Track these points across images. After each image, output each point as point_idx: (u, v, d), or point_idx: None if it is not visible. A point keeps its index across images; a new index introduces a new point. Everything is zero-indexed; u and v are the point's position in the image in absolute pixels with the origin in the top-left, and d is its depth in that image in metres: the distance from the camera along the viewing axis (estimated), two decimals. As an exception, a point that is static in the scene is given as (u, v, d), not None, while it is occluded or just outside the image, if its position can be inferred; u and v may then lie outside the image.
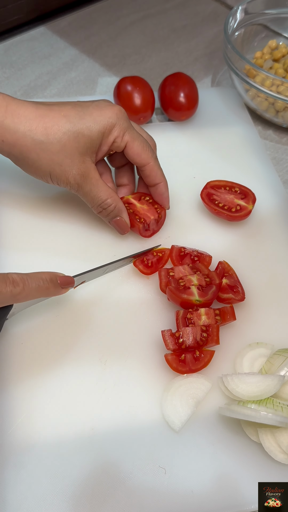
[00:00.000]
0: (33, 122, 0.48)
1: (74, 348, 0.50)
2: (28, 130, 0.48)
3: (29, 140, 0.48)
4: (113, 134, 0.51)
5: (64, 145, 0.49)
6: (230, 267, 0.56)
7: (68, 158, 0.50)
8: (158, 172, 0.55)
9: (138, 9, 0.95)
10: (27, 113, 0.49)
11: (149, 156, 0.54)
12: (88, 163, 0.51)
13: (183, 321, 0.50)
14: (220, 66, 0.85)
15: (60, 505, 0.41)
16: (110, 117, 0.51)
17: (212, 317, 0.50)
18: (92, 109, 0.51)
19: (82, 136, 0.50)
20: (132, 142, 0.52)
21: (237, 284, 0.54)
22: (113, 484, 0.43)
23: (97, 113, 0.50)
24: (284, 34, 0.84)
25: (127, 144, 0.52)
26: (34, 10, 0.89)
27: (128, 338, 0.51)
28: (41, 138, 0.48)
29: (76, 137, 0.49)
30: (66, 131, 0.49)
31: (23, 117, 0.48)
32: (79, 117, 0.50)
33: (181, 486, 0.43)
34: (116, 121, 0.51)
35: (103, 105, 0.52)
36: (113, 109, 0.51)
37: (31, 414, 0.46)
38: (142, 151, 0.53)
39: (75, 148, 0.50)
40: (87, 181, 0.52)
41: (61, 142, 0.49)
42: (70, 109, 0.50)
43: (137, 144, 0.53)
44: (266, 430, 0.44)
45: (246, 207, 0.60)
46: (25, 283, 0.43)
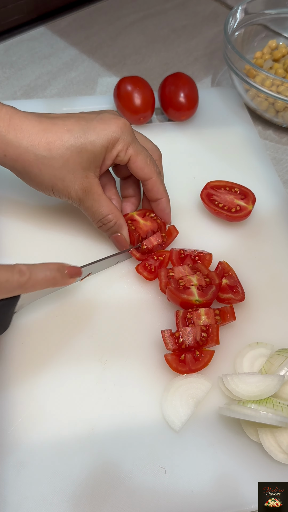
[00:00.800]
0: (36, 136, 0.48)
1: (74, 348, 0.50)
2: (30, 145, 0.48)
3: (31, 155, 0.48)
4: (117, 148, 0.51)
5: (67, 160, 0.49)
6: (230, 267, 0.56)
7: (71, 173, 0.49)
8: (160, 187, 0.55)
9: (138, 9, 0.95)
10: (30, 127, 0.48)
11: (152, 171, 0.53)
12: (91, 178, 0.51)
13: (183, 321, 0.50)
14: (220, 66, 0.85)
15: (60, 505, 0.41)
16: (114, 131, 0.50)
17: (212, 317, 0.50)
18: (96, 123, 0.50)
19: (86, 151, 0.49)
20: (136, 157, 0.52)
21: (237, 284, 0.54)
22: (113, 484, 0.43)
23: (101, 127, 0.50)
24: (284, 34, 0.84)
25: (130, 158, 0.52)
26: (34, 10, 0.89)
27: (128, 338, 0.51)
28: (43, 154, 0.48)
29: (79, 152, 0.49)
30: (69, 146, 0.49)
31: (26, 132, 0.48)
32: (82, 132, 0.49)
33: (181, 486, 0.43)
34: (120, 135, 0.50)
35: (107, 118, 0.51)
36: (117, 122, 0.50)
37: (31, 414, 0.46)
38: (145, 165, 0.53)
39: (78, 164, 0.49)
40: (89, 196, 0.51)
41: (64, 158, 0.49)
42: (74, 123, 0.49)
43: (140, 158, 0.52)
44: (266, 430, 0.44)
45: (246, 208, 0.60)
46: (32, 273, 0.42)
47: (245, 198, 0.60)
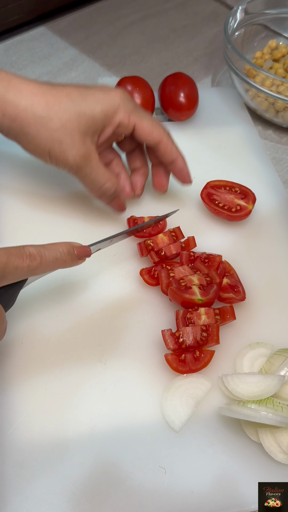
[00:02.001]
0: (35, 97, 0.48)
1: (74, 348, 0.50)
2: (29, 105, 0.48)
3: (30, 115, 0.48)
4: (119, 116, 0.51)
5: (65, 122, 0.49)
6: (231, 266, 0.56)
7: (68, 137, 0.49)
8: (173, 147, 0.54)
9: (138, 9, 0.95)
10: (30, 88, 0.48)
11: (161, 133, 0.53)
12: (88, 144, 0.50)
13: (183, 320, 0.50)
14: (220, 66, 0.85)
15: (60, 505, 0.41)
16: (114, 98, 0.50)
17: (212, 317, 0.50)
18: (95, 91, 0.51)
19: (84, 116, 0.49)
20: (141, 122, 0.51)
21: (238, 283, 0.54)
22: (113, 484, 0.43)
23: (100, 94, 0.50)
24: (284, 34, 0.84)
25: (135, 125, 0.51)
26: (34, 10, 0.89)
27: (128, 338, 0.51)
28: (42, 114, 0.48)
29: (77, 116, 0.49)
30: (67, 109, 0.49)
31: (25, 92, 0.48)
32: (81, 97, 0.49)
33: (181, 486, 0.43)
34: (120, 102, 0.50)
35: (106, 88, 0.52)
36: (116, 91, 0.51)
37: (31, 414, 0.46)
38: (152, 128, 0.52)
39: (76, 127, 0.49)
40: (87, 163, 0.51)
41: (62, 120, 0.48)
42: (73, 89, 0.50)
43: (146, 122, 0.52)
44: (266, 430, 0.44)
45: (246, 207, 0.60)
46: (42, 257, 0.41)
47: (245, 198, 0.60)
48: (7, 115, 0.48)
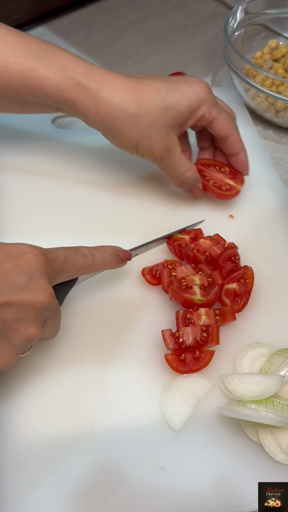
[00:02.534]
0: (126, 94, 0.50)
1: (74, 348, 0.50)
2: (122, 103, 0.50)
3: (122, 112, 0.50)
4: (202, 110, 0.53)
5: (153, 118, 0.51)
6: (252, 275, 0.54)
7: (156, 131, 0.51)
8: (239, 142, 0.57)
9: (138, 9, 0.95)
10: (121, 85, 0.50)
11: (232, 128, 0.56)
12: (172, 136, 0.53)
13: (183, 321, 0.50)
14: (220, 66, 0.85)
15: (60, 505, 0.41)
16: (199, 93, 0.52)
17: (212, 317, 0.50)
18: (182, 84, 0.52)
19: (171, 110, 0.51)
20: (218, 117, 0.54)
21: (245, 294, 0.53)
22: (113, 484, 0.43)
23: (186, 88, 0.52)
24: (284, 34, 0.84)
25: (213, 118, 0.54)
26: (34, 10, 0.89)
27: (128, 338, 0.51)
28: (133, 111, 0.50)
29: (165, 111, 0.51)
30: (157, 105, 0.51)
31: (117, 89, 0.50)
32: (169, 91, 0.51)
33: (181, 486, 0.43)
34: (204, 96, 0.52)
35: (191, 80, 0.53)
36: (201, 85, 0.53)
37: (31, 414, 0.46)
38: (227, 124, 0.55)
39: (163, 122, 0.51)
40: (169, 154, 0.53)
41: (151, 115, 0.51)
42: (160, 84, 0.52)
43: (222, 118, 0.54)
44: (266, 430, 0.44)
45: (235, 187, 0.60)
46: (93, 257, 0.45)
47: (234, 178, 0.61)
48: (100, 113, 0.50)
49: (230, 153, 0.59)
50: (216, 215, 0.62)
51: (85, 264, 0.44)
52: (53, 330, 0.44)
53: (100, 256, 0.46)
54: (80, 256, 0.44)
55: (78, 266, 0.44)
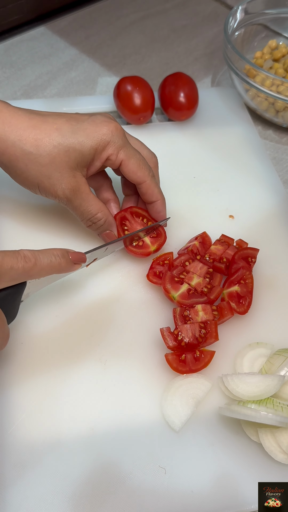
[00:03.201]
0: (24, 132, 0.48)
1: (74, 348, 0.50)
2: (18, 140, 0.48)
3: (18, 150, 0.48)
4: (107, 152, 0.50)
5: (53, 158, 0.48)
6: (250, 274, 0.54)
7: (58, 172, 0.49)
8: (154, 190, 0.54)
9: (138, 9, 0.95)
10: (19, 122, 0.48)
11: (145, 174, 0.52)
12: (78, 177, 0.50)
13: (181, 318, 0.50)
14: (220, 66, 0.85)
15: (60, 505, 0.41)
16: (104, 134, 0.50)
17: (209, 313, 0.50)
18: (87, 124, 0.50)
19: (73, 151, 0.49)
20: (128, 160, 0.51)
21: (248, 295, 0.53)
22: (113, 484, 0.43)
23: (91, 129, 0.49)
24: (284, 34, 0.84)
25: (122, 162, 0.51)
26: (34, 10, 0.89)
27: (128, 338, 0.51)
28: (30, 149, 0.48)
29: (67, 151, 0.49)
30: (57, 145, 0.48)
31: (14, 126, 0.48)
32: (72, 132, 0.49)
33: (181, 486, 0.43)
34: (110, 138, 0.50)
35: (99, 120, 0.50)
36: (108, 126, 0.50)
37: (31, 414, 0.46)
38: (137, 169, 0.52)
39: (65, 162, 0.49)
40: (76, 195, 0.51)
41: (51, 155, 0.48)
42: (64, 123, 0.49)
43: (132, 162, 0.51)
44: (266, 430, 0.44)
45: (148, 246, 0.56)
46: (37, 259, 0.43)
47: (155, 237, 0.57)
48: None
49: (146, 200, 0.55)
50: (216, 215, 0.62)
51: (26, 267, 0.42)
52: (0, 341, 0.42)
53: (46, 258, 0.43)
54: (20, 258, 0.41)
55: (18, 269, 0.41)
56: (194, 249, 0.56)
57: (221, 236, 0.58)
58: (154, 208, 0.56)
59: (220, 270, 0.55)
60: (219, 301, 0.53)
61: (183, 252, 0.56)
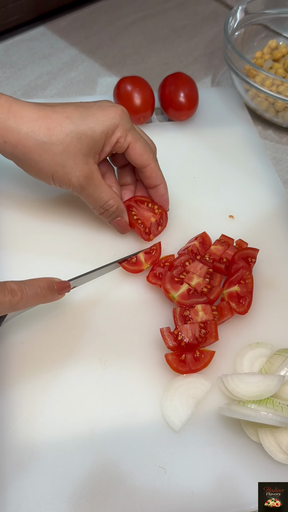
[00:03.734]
0: (36, 123, 0.48)
1: (74, 348, 0.50)
2: (31, 131, 0.48)
3: (32, 141, 0.48)
4: (116, 135, 0.51)
5: (67, 146, 0.49)
6: (250, 274, 0.54)
7: (71, 159, 0.50)
8: (158, 173, 0.55)
9: (138, 9, 0.95)
10: (30, 114, 0.48)
11: (150, 158, 0.54)
12: (91, 164, 0.51)
13: (181, 318, 0.50)
14: (220, 66, 0.85)
15: (60, 505, 0.41)
16: (114, 118, 0.50)
17: (209, 313, 0.50)
18: (95, 110, 0.51)
19: (85, 137, 0.49)
20: (135, 143, 0.52)
21: (248, 295, 0.53)
22: (113, 484, 0.43)
23: (100, 114, 0.50)
24: (284, 34, 0.84)
25: (129, 145, 0.52)
26: (34, 10, 0.89)
27: (128, 338, 0.51)
28: (43, 139, 0.48)
29: (79, 138, 0.49)
30: (69, 132, 0.49)
31: (26, 118, 0.48)
32: (82, 118, 0.50)
33: (181, 486, 0.43)
34: (119, 121, 0.51)
35: (106, 105, 0.52)
36: (116, 109, 0.51)
37: (31, 414, 0.46)
38: (143, 152, 0.53)
39: (78, 149, 0.50)
40: (90, 182, 0.52)
41: (64, 143, 0.49)
42: (73, 110, 0.50)
43: (139, 145, 0.53)
44: (266, 430, 0.44)
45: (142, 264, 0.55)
46: (23, 292, 0.42)
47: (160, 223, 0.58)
48: (9, 142, 0.48)
49: (149, 185, 0.56)
50: (216, 215, 0.62)
51: (13, 301, 0.41)
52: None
53: (31, 291, 0.43)
54: (7, 292, 0.41)
55: (4, 304, 0.41)
56: (194, 249, 0.56)
57: (221, 236, 0.58)
58: (157, 192, 0.57)
59: (220, 270, 0.55)
60: (219, 301, 0.53)
61: (183, 252, 0.56)
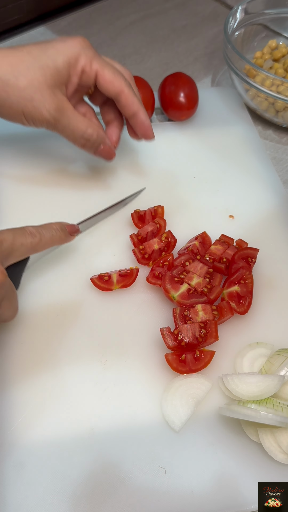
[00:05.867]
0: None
1: (74, 348, 0.50)
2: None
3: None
4: (80, 63, 0.51)
5: (31, 80, 0.49)
6: (250, 274, 0.54)
7: (38, 93, 0.50)
8: (134, 99, 0.54)
9: (138, 9, 0.95)
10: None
11: (121, 83, 0.53)
12: (59, 95, 0.51)
13: (181, 318, 0.50)
14: (220, 66, 0.85)
15: (60, 505, 0.41)
16: (74, 46, 0.51)
17: (209, 313, 0.50)
18: (55, 43, 0.51)
19: (48, 69, 0.50)
20: (102, 70, 0.52)
21: (248, 295, 0.53)
22: (113, 484, 0.43)
23: (60, 45, 0.51)
24: (284, 34, 0.84)
25: (97, 73, 0.52)
26: (34, 10, 0.89)
27: (128, 338, 0.51)
28: (7, 76, 0.49)
29: (41, 69, 0.50)
30: (31, 66, 0.49)
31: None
32: (42, 51, 0.50)
33: (181, 486, 0.43)
34: (80, 49, 0.51)
35: (66, 38, 0.52)
36: (76, 39, 0.52)
37: (31, 414, 0.46)
38: (113, 78, 0.53)
39: (43, 82, 0.50)
40: (62, 114, 0.52)
41: (28, 77, 0.49)
42: (33, 46, 0.51)
43: (107, 71, 0.52)
44: (266, 430, 0.44)
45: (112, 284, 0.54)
46: (41, 234, 0.46)
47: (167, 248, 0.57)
48: None
49: (126, 113, 0.55)
50: (216, 215, 0.62)
51: (33, 242, 0.45)
52: (11, 311, 0.45)
53: (48, 233, 0.47)
54: (28, 234, 0.45)
55: (27, 245, 0.45)
56: (194, 249, 0.56)
57: (221, 236, 0.58)
58: (137, 120, 0.56)
59: (220, 270, 0.55)
60: (219, 301, 0.53)
61: (183, 252, 0.56)
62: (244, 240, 0.58)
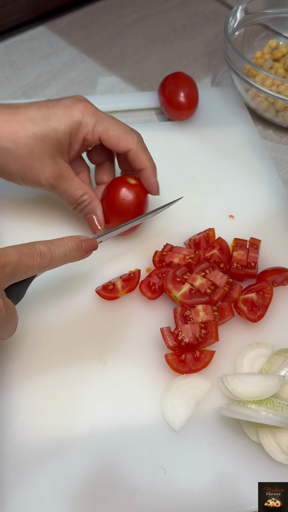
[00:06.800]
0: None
1: (74, 348, 0.50)
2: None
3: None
4: (82, 132, 0.51)
5: (31, 149, 0.49)
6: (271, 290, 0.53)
7: (38, 162, 0.50)
8: (141, 157, 0.53)
9: (138, 9, 0.95)
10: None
11: (128, 142, 0.52)
12: (60, 164, 0.51)
13: (182, 318, 0.50)
14: (220, 66, 0.85)
15: (60, 505, 0.41)
16: (75, 116, 0.50)
17: (210, 313, 0.50)
18: (58, 109, 0.50)
19: (49, 139, 0.49)
20: (106, 134, 0.51)
21: (262, 307, 0.52)
22: (113, 484, 0.43)
23: (62, 113, 0.50)
24: (284, 34, 0.84)
25: (100, 137, 0.51)
26: (34, 10, 0.89)
27: (128, 338, 0.51)
28: (7, 144, 0.48)
29: (43, 140, 0.49)
30: (32, 135, 0.49)
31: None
32: (44, 120, 0.49)
33: (181, 486, 0.43)
34: (81, 118, 0.50)
35: (68, 103, 0.51)
36: (78, 106, 0.50)
37: (31, 414, 0.46)
38: (118, 139, 0.52)
39: (44, 151, 0.49)
40: (60, 182, 0.51)
41: (28, 147, 0.49)
42: (36, 111, 0.50)
43: (111, 133, 0.51)
44: (266, 430, 0.44)
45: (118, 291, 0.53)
46: (52, 254, 0.42)
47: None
48: None
49: (135, 168, 0.54)
50: (216, 215, 0.62)
51: (42, 264, 0.41)
52: (7, 333, 0.42)
53: (60, 252, 0.43)
54: (37, 255, 0.41)
55: (34, 267, 0.41)
56: (215, 258, 0.55)
57: (234, 240, 0.57)
58: (143, 176, 0.55)
59: (252, 275, 0.55)
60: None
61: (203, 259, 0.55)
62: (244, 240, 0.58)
